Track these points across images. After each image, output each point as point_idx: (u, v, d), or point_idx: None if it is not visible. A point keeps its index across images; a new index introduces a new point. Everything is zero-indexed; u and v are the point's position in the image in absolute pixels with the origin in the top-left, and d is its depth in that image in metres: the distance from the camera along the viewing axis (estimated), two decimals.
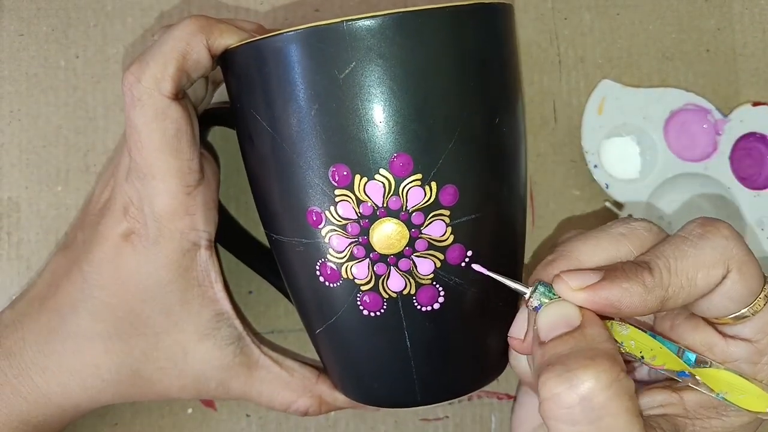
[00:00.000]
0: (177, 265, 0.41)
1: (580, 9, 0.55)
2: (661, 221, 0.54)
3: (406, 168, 0.36)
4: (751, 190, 0.53)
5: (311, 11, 0.54)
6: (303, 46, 0.36)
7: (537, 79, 0.55)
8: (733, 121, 0.54)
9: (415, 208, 0.37)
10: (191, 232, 0.41)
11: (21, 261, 0.52)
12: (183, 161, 0.40)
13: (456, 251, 0.38)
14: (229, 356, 0.43)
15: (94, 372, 0.42)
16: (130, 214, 0.41)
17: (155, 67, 0.39)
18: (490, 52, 0.39)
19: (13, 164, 0.52)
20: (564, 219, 0.54)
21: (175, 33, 0.39)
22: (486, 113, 0.38)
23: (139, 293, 0.41)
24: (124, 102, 0.40)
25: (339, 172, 0.36)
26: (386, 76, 0.36)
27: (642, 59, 0.55)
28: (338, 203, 0.37)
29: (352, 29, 0.35)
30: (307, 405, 0.45)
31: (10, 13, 0.53)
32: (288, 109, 0.37)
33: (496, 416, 0.52)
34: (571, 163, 0.54)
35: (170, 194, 0.40)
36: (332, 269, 0.38)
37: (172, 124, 0.39)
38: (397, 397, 0.41)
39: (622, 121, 0.53)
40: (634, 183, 0.53)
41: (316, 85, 0.36)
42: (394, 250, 0.37)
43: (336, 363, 0.43)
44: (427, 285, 0.38)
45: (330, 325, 0.40)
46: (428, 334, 0.39)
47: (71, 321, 0.42)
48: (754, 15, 0.56)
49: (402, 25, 0.35)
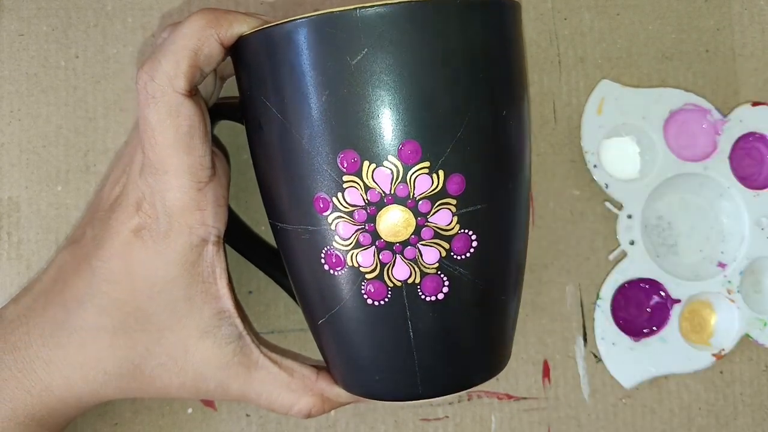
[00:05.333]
0: (184, 260, 0.41)
1: (579, 9, 0.55)
2: (660, 221, 0.54)
3: (415, 155, 0.36)
4: (751, 190, 0.53)
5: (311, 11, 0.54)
6: (316, 33, 0.36)
7: (537, 78, 0.55)
8: (733, 121, 0.54)
9: (422, 196, 0.37)
10: (201, 227, 0.41)
11: (21, 261, 0.52)
12: (195, 157, 0.40)
13: (461, 241, 0.38)
14: (228, 355, 0.43)
15: (97, 365, 0.42)
16: (142, 210, 0.41)
17: (168, 64, 0.39)
18: (499, 46, 0.39)
19: (13, 164, 0.52)
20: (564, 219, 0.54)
21: (185, 29, 0.39)
22: (494, 105, 0.38)
23: (147, 289, 0.41)
24: (138, 100, 0.40)
25: (348, 158, 0.36)
26: (397, 64, 0.36)
27: (641, 59, 0.55)
28: (346, 189, 0.37)
29: (365, 16, 0.35)
30: (310, 405, 0.45)
31: (10, 13, 0.53)
32: (299, 95, 0.37)
33: (496, 416, 0.52)
34: (570, 162, 0.54)
35: (182, 190, 0.40)
36: (337, 257, 0.38)
37: (185, 121, 0.39)
38: (398, 390, 0.41)
39: (622, 121, 0.53)
40: (633, 183, 0.53)
41: (327, 71, 0.36)
42: (400, 237, 0.37)
43: (338, 354, 0.42)
44: (432, 274, 0.38)
45: (333, 315, 0.40)
46: (432, 325, 0.39)
47: (77, 315, 0.42)
48: (753, 15, 0.56)
49: (415, 14, 0.36)
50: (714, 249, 0.54)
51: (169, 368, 0.42)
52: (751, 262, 0.53)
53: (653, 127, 0.53)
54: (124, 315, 0.41)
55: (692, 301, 0.53)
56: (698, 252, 0.54)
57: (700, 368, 0.52)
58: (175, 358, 0.42)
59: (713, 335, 0.53)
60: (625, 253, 0.53)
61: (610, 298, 0.53)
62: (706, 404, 0.53)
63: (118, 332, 0.42)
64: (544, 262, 0.54)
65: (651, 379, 0.53)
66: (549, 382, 0.53)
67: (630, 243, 0.53)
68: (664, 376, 0.53)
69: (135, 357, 0.42)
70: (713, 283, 0.53)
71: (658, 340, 0.52)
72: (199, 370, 0.43)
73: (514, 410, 0.52)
